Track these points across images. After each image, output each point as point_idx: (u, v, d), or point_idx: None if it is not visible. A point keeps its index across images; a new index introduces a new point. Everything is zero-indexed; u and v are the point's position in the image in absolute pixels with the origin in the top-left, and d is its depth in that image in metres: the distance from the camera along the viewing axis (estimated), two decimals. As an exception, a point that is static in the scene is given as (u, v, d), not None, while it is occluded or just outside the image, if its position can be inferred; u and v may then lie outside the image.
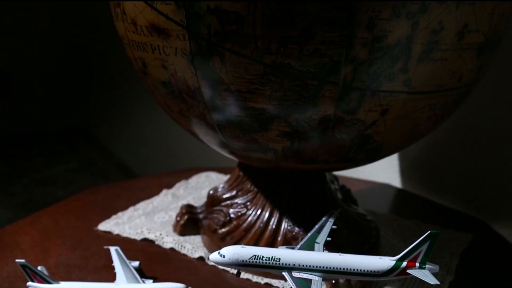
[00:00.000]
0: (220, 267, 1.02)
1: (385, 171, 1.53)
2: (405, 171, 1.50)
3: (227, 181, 1.13)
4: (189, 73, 0.78)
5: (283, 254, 0.76)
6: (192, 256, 1.05)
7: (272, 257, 0.75)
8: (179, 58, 0.77)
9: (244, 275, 0.99)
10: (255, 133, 0.82)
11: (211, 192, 1.13)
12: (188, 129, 0.95)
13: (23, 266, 0.88)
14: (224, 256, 0.76)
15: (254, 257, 0.75)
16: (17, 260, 0.87)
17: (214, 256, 0.77)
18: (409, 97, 0.77)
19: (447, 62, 0.75)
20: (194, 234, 1.12)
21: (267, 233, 1.01)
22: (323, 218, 0.88)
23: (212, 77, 0.76)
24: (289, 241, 0.98)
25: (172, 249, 1.08)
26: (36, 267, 0.89)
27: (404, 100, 0.77)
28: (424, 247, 0.75)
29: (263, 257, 0.75)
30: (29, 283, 0.89)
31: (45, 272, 0.90)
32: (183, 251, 1.07)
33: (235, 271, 0.99)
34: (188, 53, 0.76)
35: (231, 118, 0.81)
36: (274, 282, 0.96)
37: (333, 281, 0.93)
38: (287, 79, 0.73)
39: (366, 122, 0.78)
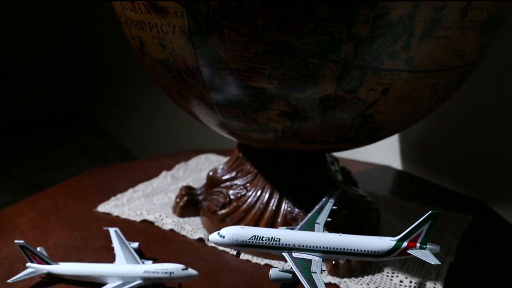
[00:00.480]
0: (220, 248, 1.01)
1: (386, 153, 1.53)
2: (405, 153, 1.50)
3: (227, 163, 1.12)
4: (188, 52, 0.77)
5: (283, 234, 0.75)
6: (192, 238, 1.05)
7: (272, 237, 0.75)
8: (178, 36, 0.76)
9: (244, 256, 0.98)
10: (254, 113, 0.81)
11: (211, 173, 1.12)
12: (188, 110, 0.94)
13: (22, 247, 0.87)
14: (223, 237, 0.75)
15: (254, 237, 0.75)
16: (16, 241, 0.87)
17: (214, 237, 0.76)
18: (411, 75, 0.75)
19: (450, 40, 0.74)
20: (194, 215, 1.12)
21: (267, 214, 1.01)
22: (323, 199, 0.88)
23: (211, 56, 0.75)
24: (289, 222, 0.98)
25: (171, 230, 1.07)
26: (35, 248, 0.89)
27: (406, 79, 0.76)
28: (425, 227, 0.75)
29: (262, 237, 0.75)
30: (28, 264, 0.89)
31: (44, 253, 0.90)
32: (183, 233, 1.06)
33: (235, 252, 0.99)
34: (186, 31, 0.74)
35: (230, 97, 0.80)
36: (274, 263, 0.96)
37: (333, 262, 0.93)
38: (287, 57, 0.72)
39: (367, 101, 0.77)
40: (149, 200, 1.19)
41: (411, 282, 0.92)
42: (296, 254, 0.75)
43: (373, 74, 0.74)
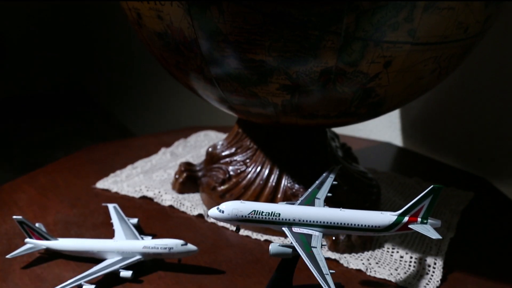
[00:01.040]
0: (219, 224, 1.01)
1: (386, 130, 1.52)
2: (406, 129, 1.48)
3: (226, 138, 1.11)
4: (186, 24, 0.75)
5: (283, 209, 0.75)
6: (191, 214, 1.04)
7: (271, 212, 0.74)
8: (175, 8, 0.74)
9: (243, 232, 0.98)
10: (254, 87, 0.80)
11: (210, 149, 1.11)
12: (186, 84, 0.93)
13: (20, 222, 0.87)
14: (223, 212, 0.75)
15: (253, 212, 0.74)
16: (14, 217, 0.87)
17: (213, 212, 0.76)
18: (414, 48, 0.74)
19: (454, 12, 0.72)
20: (193, 192, 1.11)
21: (267, 190, 1.00)
22: (324, 174, 0.87)
23: (210, 28, 0.73)
24: (289, 198, 0.97)
25: (171, 206, 1.07)
26: (34, 224, 0.89)
27: (408, 52, 0.74)
28: (426, 202, 0.74)
29: (262, 212, 0.74)
30: (27, 240, 0.88)
31: (43, 229, 0.90)
32: (182, 209, 1.06)
33: (234, 228, 0.98)
34: (184, 2, 0.73)
35: (230, 71, 0.78)
36: (274, 239, 0.96)
37: (333, 238, 0.92)
38: (287, 29, 0.70)
39: (369, 74, 0.76)
40: (148, 177, 1.18)
41: (411, 257, 0.91)
42: (296, 229, 0.74)
43: (374, 46, 0.72)
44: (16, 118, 2.58)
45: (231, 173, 1.05)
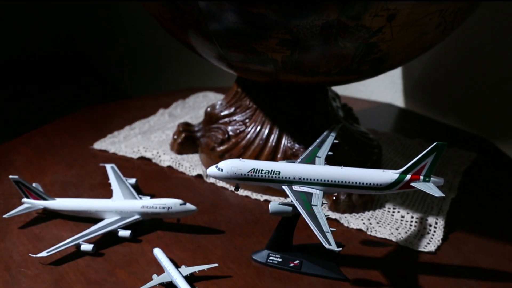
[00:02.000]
0: (219, 184, 1.00)
1: (388, 91, 1.49)
2: (408, 90, 1.46)
3: (225, 98, 1.09)
4: (182, -24, 0.72)
5: (283, 167, 0.73)
6: (190, 174, 1.03)
7: (271, 170, 0.73)
8: (171, -41, 0.71)
9: (243, 192, 0.97)
10: (253, 42, 0.77)
11: (209, 109, 1.09)
12: (184, 41, 0.91)
13: (16, 182, 0.86)
14: (221, 170, 0.73)
15: (253, 170, 0.73)
16: (10, 176, 0.85)
17: (212, 170, 0.74)
18: (419, 1, 0.71)
19: (461, -38, 0.70)
20: (192, 152, 1.10)
21: (267, 150, 0.98)
22: (325, 133, 0.85)
23: (207, -21, 0.71)
24: (289, 158, 0.96)
25: (169, 167, 1.06)
26: (31, 184, 0.87)
27: (413, 4, 0.71)
28: (429, 160, 0.72)
29: (262, 170, 0.73)
30: (24, 199, 0.87)
31: (40, 189, 0.89)
32: (181, 169, 1.05)
33: (233, 187, 0.97)
34: (180, -48, 0.70)
35: (228, 25, 0.76)
36: (274, 199, 0.95)
37: (334, 197, 0.91)
38: (287, -20, 0.67)
39: (372, 28, 0.73)
40: (146, 138, 1.17)
41: (412, 217, 0.91)
42: (296, 187, 0.73)
43: (378, -2, 0.69)
44: (13, 82, 2.55)
45: (230, 133, 1.03)
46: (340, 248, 0.66)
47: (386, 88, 1.50)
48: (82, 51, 2.94)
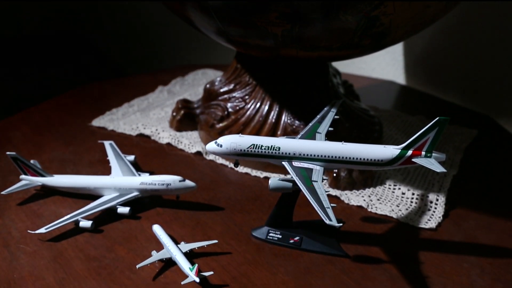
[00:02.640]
0: (218, 161, 0.99)
1: (389, 68, 1.48)
2: (409, 67, 1.45)
3: (224, 75, 1.07)
4: None
5: (283, 143, 0.72)
6: (189, 151, 1.02)
7: (271, 146, 0.72)
8: None
9: (243, 169, 0.96)
10: (252, 16, 0.76)
11: (208, 86, 1.08)
12: (183, 16, 0.89)
13: (14, 158, 0.85)
14: (221, 146, 0.73)
15: (252, 146, 0.72)
16: (7, 153, 0.85)
17: (211, 146, 0.74)
18: (422, -28, 0.70)
19: None
20: (191, 129, 1.09)
21: (267, 127, 0.97)
22: (325, 108, 0.84)
23: (205, -50, 0.69)
24: (289, 135, 0.95)
25: (168, 144, 1.05)
26: (29, 161, 0.87)
27: (416, -24, 0.70)
28: (431, 135, 0.71)
29: (262, 146, 0.72)
30: (22, 176, 0.87)
31: (38, 165, 0.88)
32: (180, 146, 1.04)
33: (233, 164, 0.97)
34: None
35: (227, -2, 0.74)
36: (274, 176, 0.94)
37: (334, 175, 0.91)
38: (288, -49, 0.66)
39: (373, 1, 0.72)
40: (145, 115, 1.15)
41: (413, 194, 0.90)
42: (296, 163, 0.72)
43: (381, -30, 0.68)
44: (11, 60, 2.53)
45: (230, 110, 1.02)
46: (341, 224, 0.66)
47: (387, 66, 1.48)
48: (81, 29, 2.91)
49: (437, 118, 0.70)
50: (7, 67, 2.40)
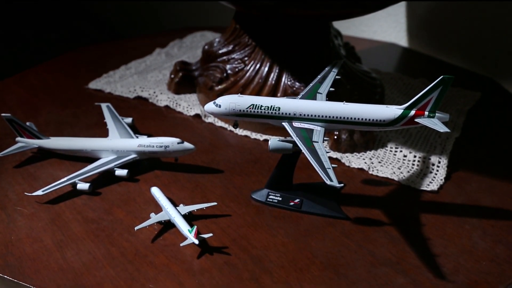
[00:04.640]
0: (217, 124, 0.98)
1: (392, 30, 1.45)
2: (412, 29, 1.42)
3: (223, 36, 1.05)
4: None
5: (283, 103, 0.71)
6: (188, 114, 1.01)
7: (271, 106, 0.70)
8: None
9: (242, 132, 0.95)
10: (252, -29, 0.73)
11: (206, 47, 1.06)
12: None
13: (9, 120, 0.84)
14: (219, 106, 0.71)
15: (252, 106, 0.70)
16: (2, 114, 0.83)
17: (210, 106, 0.72)
18: None
19: None
20: (189, 92, 1.07)
21: (266, 88, 0.96)
22: (326, 68, 0.82)
23: None
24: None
25: (166, 107, 1.03)
26: (25, 123, 0.85)
27: None
28: (434, 94, 0.70)
29: (261, 106, 0.70)
30: (18, 138, 0.85)
31: (34, 127, 0.87)
32: (178, 109, 1.02)
33: (233, 129, 0.95)
34: None
35: (225, -48, 0.72)
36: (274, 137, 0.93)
37: (335, 137, 0.89)
38: None
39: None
40: (143, 77, 1.13)
41: (415, 156, 0.89)
42: (296, 124, 0.71)
43: None
44: (7, 25, 2.49)
45: (229, 71, 1.00)
46: (342, 185, 0.65)
47: (389, 28, 1.45)
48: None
49: (441, 76, 0.69)
50: (1, 32, 2.37)
